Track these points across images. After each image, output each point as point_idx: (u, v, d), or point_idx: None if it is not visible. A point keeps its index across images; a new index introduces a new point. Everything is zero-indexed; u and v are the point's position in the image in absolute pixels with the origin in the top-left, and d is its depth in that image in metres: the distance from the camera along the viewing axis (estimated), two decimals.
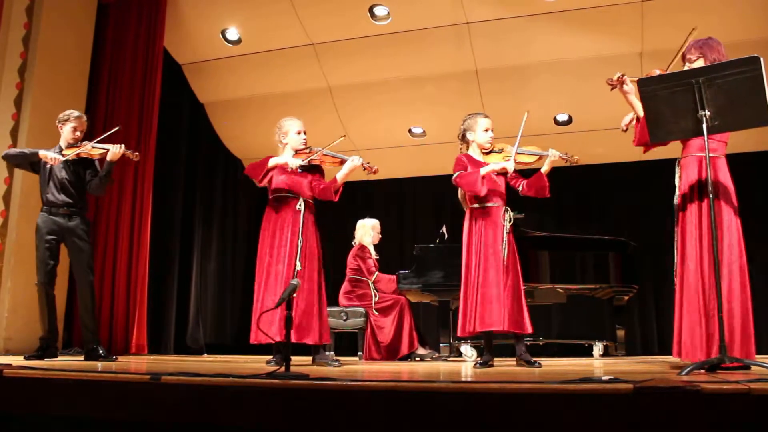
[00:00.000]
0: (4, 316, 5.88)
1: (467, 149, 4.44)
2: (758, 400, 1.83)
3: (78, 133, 5.03)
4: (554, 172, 4.29)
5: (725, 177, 3.49)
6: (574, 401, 1.94)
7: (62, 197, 4.87)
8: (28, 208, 6.10)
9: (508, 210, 4.23)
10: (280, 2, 7.00)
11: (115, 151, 4.87)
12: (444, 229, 6.67)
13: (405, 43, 7.25)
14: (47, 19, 6.48)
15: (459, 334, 4.15)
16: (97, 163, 5.08)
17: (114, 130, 5.10)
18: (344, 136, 4.55)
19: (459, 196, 4.44)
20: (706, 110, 3.06)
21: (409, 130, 8.47)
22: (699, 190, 3.47)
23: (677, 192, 3.66)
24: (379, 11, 7.02)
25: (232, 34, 7.52)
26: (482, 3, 6.77)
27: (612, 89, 3.84)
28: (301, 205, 4.39)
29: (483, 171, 4.20)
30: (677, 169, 3.70)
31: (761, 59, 2.95)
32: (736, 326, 3.26)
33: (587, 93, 7.37)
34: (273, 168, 4.46)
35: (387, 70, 7.58)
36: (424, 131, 8.46)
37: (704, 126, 3.06)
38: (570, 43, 6.94)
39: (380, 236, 6.78)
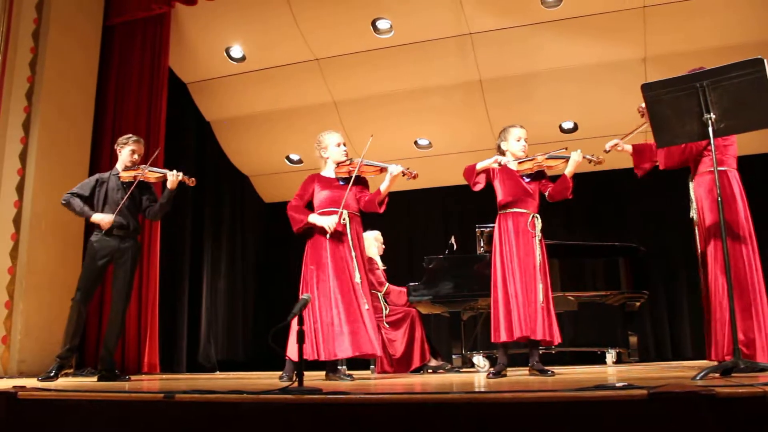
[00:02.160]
0: (17, 339, 5.90)
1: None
2: None
3: (136, 157, 5.06)
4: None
5: (736, 191, 3.54)
6: (588, 409, 1.93)
7: (118, 219, 4.87)
8: (38, 230, 6.14)
9: (537, 217, 4.24)
10: (283, 18, 7.05)
11: (173, 179, 4.91)
12: (453, 240, 6.65)
13: (408, 56, 7.28)
14: (53, 43, 6.54)
15: (496, 340, 4.12)
16: (153, 187, 5.12)
17: (157, 152, 5.15)
18: (372, 135, 4.55)
19: (497, 204, 4.45)
20: (712, 113, 3.06)
21: (415, 142, 8.49)
22: (712, 205, 3.54)
23: (694, 206, 3.71)
24: (382, 24, 7.06)
25: (236, 51, 7.57)
26: (484, 13, 6.79)
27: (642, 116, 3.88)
28: (345, 219, 4.39)
29: (479, 165, 4.30)
30: (691, 185, 3.75)
31: (765, 61, 2.96)
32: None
33: (592, 100, 7.40)
34: (309, 223, 4.44)
35: (391, 82, 7.62)
36: (430, 143, 8.48)
37: (710, 129, 3.06)
38: (573, 50, 6.96)
39: (384, 246, 6.77)
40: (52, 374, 4.72)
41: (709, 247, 3.62)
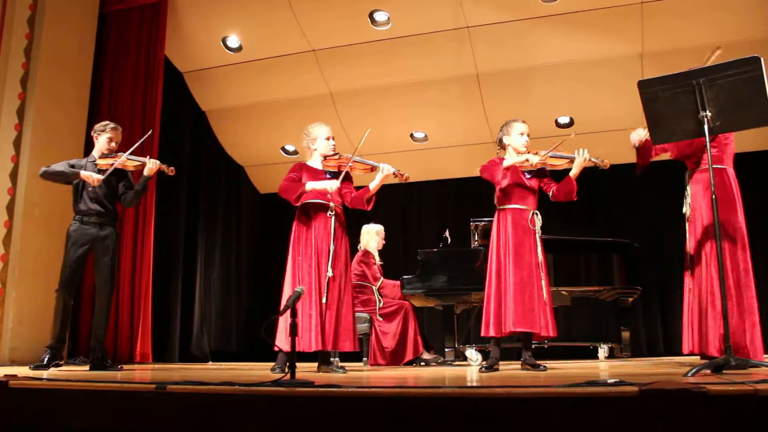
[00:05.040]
0: (9, 327, 5.89)
1: (504, 154, 4.42)
2: (764, 401, 1.83)
3: (113, 144, 5.05)
4: (556, 174, 4.30)
5: (735, 190, 3.55)
6: (579, 405, 1.94)
7: (95, 207, 4.87)
8: (32, 218, 6.12)
9: (537, 214, 4.24)
10: (280, 9, 7.02)
11: (151, 166, 4.89)
12: (447, 234, 6.66)
13: (406, 48, 7.26)
14: (48, 30, 6.50)
15: (487, 334, 4.14)
16: (129, 174, 5.10)
17: (148, 134, 5.12)
18: (369, 129, 4.50)
19: (495, 199, 4.43)
20: (708, 111, 3.06)
21: (411, 135, 8.47)
22: (707, 202, 3.54)
23: (688, 201, 3.70)
24: (380, 17, 7.03)
25: (233, 41, 7.54)
26: (482, 7, 6.78)
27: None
28: (331, 212, 4.39)
29: (506, 163, 4.23)
30: (688, 181, 3.74)
31: (761, 59, 2.96)
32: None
33: (588, 95, 7.40)
34: (309, 191, 4.41)
35: (388, 75, 7.59)
36: (425, 136, 8.46)
37: (706, 127, 3.06)
38: (570, 45, 6.95)
39: (384, 242, 6.77)
40: (44, 363, 4.72)
41: (706, 245, 3.60)
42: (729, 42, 6.22)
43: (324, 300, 4.24)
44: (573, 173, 4.22)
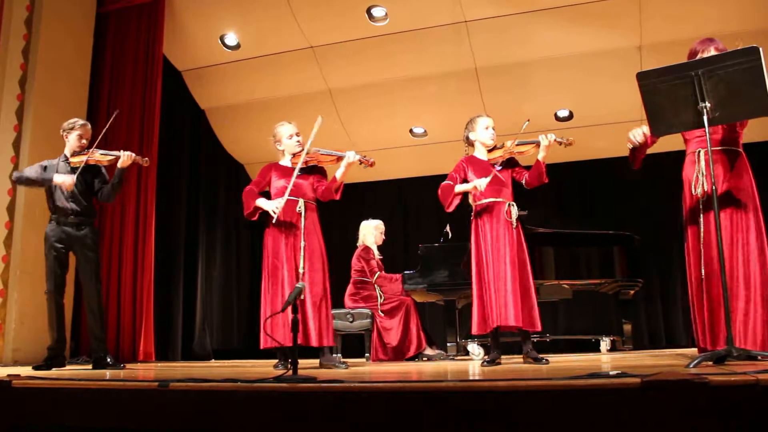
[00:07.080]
0: (11, 327, 5.90)
1: (473, 152, 4.45)
2: (766, 391, 1.83)
3: (84, 141, 5.02)
4: (556, 167, 4.30)
5: (746, 171, 3.52)
6: (582, 397, 1.94)
7: (71, 206, 4.84)
8: (32, 218, 6.12)
9: (513, 205, 4.24)
10: (277, 6, 7.02)
11: (124, 159, 4.86)
12: (448, 229, 6.66)
13: (404, 43, 7.25)
14: (46, 30, 6.50)
15: (474, 332, 4.16)
16: (104, 169, 5.08)
17: (115, 114, 5.10)
18: (320, 117, 4.43)
19: (470, 196, 4.47)
20: (707, 102, 3.05)
21: (411, 130, 8.47)
22: (744, 185, 3.50)
23: (701, 182, 3.63)
24: (377, 12, 7.02)
25: (231, 39, 7.53)
26: (480, 1, 6.77)
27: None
28: (301, 207, 4.40)
29: (457, 189, 4.31)
30: (702, 158, 3.67)
31: (761, 49, 2.95)
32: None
33: (587, 88, 7.39)
34: (259, 208, 4.49)
35: (386, 70, 7.59)
36: (425, 131, 8.46)
37: (705, 118, 3.06)
38: (569, 38, 6.95)
39: (384, 237, 6.77)
40: (46, 363, 4.72)
41: (738, 230, 3.52)
42: (729, 32, 6.22)
43: (301, 297, 4.21)
44: (541, 156, 4.23)
